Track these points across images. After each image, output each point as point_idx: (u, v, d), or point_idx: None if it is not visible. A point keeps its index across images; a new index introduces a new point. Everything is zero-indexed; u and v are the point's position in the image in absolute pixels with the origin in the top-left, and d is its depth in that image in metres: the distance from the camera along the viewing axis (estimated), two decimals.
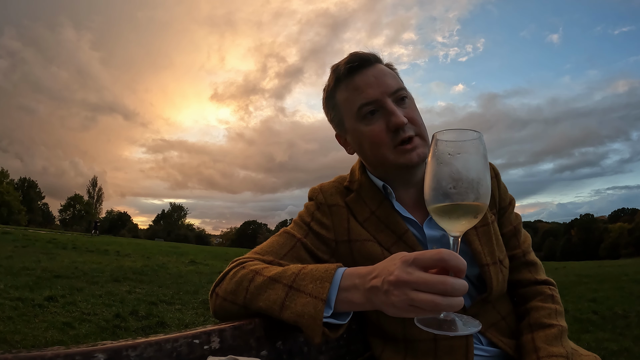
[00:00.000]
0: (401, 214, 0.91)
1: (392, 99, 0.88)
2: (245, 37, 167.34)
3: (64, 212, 78.97)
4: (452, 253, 0.56)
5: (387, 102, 0.87)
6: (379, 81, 0.88)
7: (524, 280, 0.97)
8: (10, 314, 3.79)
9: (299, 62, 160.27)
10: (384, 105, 0.87)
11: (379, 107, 0.88)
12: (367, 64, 0.90)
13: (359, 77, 0.90)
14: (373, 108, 0.88)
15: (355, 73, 0.90)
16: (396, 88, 0.89)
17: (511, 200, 1.01)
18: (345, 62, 0.91)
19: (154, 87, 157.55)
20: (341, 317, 0.68)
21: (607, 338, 3.81)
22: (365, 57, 0.90)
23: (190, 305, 5.00)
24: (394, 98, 0.88)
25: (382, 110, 0.88)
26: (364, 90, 0.88)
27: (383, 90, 0.88)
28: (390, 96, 0.88)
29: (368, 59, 0.90)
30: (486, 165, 0.59)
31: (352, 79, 0.90)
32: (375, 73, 0.89)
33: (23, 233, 17.74)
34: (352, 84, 0.90)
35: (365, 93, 0.88)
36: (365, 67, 0.90)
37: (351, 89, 0.90)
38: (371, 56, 0.91)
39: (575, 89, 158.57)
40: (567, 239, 69.07)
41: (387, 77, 0.89)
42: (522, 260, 0.98)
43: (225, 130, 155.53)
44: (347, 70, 0.90)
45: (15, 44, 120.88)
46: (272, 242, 0.89)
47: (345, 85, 0.92)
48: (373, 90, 0.88)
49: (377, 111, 0.88)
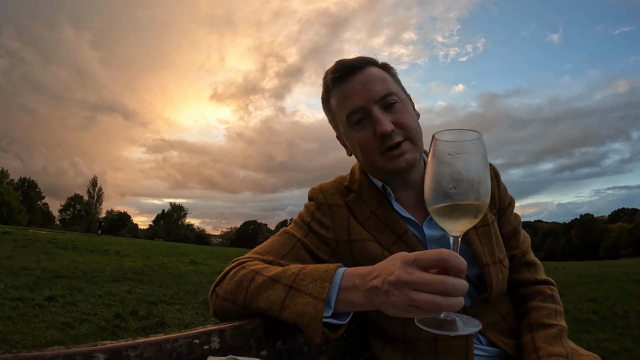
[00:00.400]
0: (401, 214, 0.91)
1: (379, 105, 0.88)
2: (245, 37, 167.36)
3: (64, 212, 79.01)
4: (453, 253, 0.56)
5: (372, 110, 0.87)
6: (365, 88, 0.88)
7: (524, 280, 0.97)
8: (10, 314, 3.79)
9: (299, 61, 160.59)
10: (370, 113, 0.87)
11: (366, 114, 0.88)
12: (353, 71, 0.90)
13: (346, 86, 0.90)
14: (360, 116, 0.89)
15: (342, 82, 0.91)
16: (383, 94, 0.88)
17: (511, 200, 1.02)
18: (331, 72, 0.92)
19: (154, 86, 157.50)
20: (341, 317, 0.68)
21: (607, 338, 3.81)
22: (350, 65, 0.90)
23: (190, 305, 5.01)
24: (381, 104, 0.88)
25: (369, 117, 0.88)
26: (350, 98, 0.89)
27: (369, 97, 0.87)
28: (377, 102, 0.88)
29: (353, 67, 0.90)
30: (486, 165, 0.59)
31: (339, 87, 0.91)
32: (362, 80, 0.89)
33: (23, 233, 17.74)
34: (339, 93, 0.91)
35: (352, 101, 0.89)
36: (352, 74, 0.90)
37: (339, 98, 0.91)
38: (357, 62, 0.90)
39: (575, 88, 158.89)
40: (567, 239, 69.07)
41: (374, 83, 0.89)
42: (522, 260, 0.98)
43: (225, 130, 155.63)
44: (333, 80, 0.91)
45: (14, 44, 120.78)
46: (272, 242, 0.89)
47: (334, 93, 0.93)
48: (359, 98, 0.88)
49: (365, 118, 0.89)
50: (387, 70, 0.94)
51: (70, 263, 8.08)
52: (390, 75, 0.94)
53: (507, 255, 0.96)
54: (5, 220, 55.06)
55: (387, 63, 0.95)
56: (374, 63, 0.93)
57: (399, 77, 0.97)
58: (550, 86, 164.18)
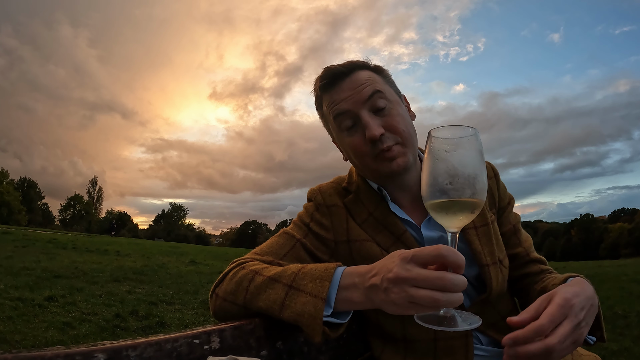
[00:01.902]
0: (399, 216, 0.91)
1: (367, 108, 0.87)
2: (243, 35, 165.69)
3: (64, 212, 78.93)
4: (451, 249, 0.56)
5: (361, 114, 0.87)
6: (353, 92, 0.88)
7: (532, 272, 0.97)
8: (10, 314, 3.79)
9: (299, 60, 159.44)
10: (360, 118, 0.87)
11: (355, 119, 0.88)
12: (341, 77, 0.90)
13: (334, 92, 0.90)
14: (350, 122, 0.89)
15: (330, 88, 0.91)
16: (370, 93, 0.87)
17: (510, 199, 1.02)
18: (319, 79, 0.92)
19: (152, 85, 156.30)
20: (341, 316, 0.68)
21: (607, 338, 3.80)
22: (338, 72, 0.90)
23: (190, 305, 5.01)
24: (369, 106, 0.87)
25: (359, 122, 0.88)
26: (337, 104, 0.89)
27: (356, 100, 0.87)
28: (365, 104, 0.87)
29: (341, 73, 0.90)
30: (482, 161, 0.60)
31: (328, 94, 0.92)
32: (350, 85, 0.88)
33: (23, 233, 17.73)
34: (328, 99, 0.92)
35: (339, 106, 0.89)
36: (340, 81, 0.90)
37: (328, 104, 0.92)
38: (345, 68, 0.90)
39: (576, 88, 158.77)
40: (567, 239, 69.00)
41: (361, 86, 0.88)
42: (526, 258, 0.98)
43: (225, 130, 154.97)
44: (321, 88, 0.92)
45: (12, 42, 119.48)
46: (272, 243, 0.89)
47: (324, 100, 0.94)
48: (346, 103, 0.88)
49: (355, 124, 0.89)
50: (379, 73, 0.93)
51: (70, 263, 8.09)
52: (381, 77, 0.93)
53: (510, 254, 0.96)
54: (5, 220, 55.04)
55: (379, 65, 0.95)
56: (363, 66, 0.92)
57: (392, 79, 0.96)
58: (551, 85, 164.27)
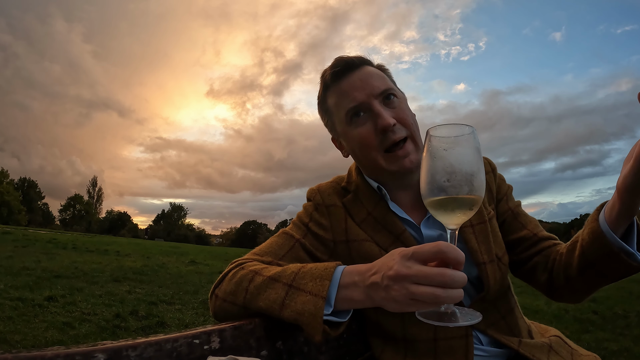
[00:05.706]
0: (398, 215, 0.91)
1: (379, 100, 0.88)
2: (240, 30, 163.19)
3: (64, 212, 78.96)
4: (450, 245, 0.57)
5: (373, 104, 0.87)
6: (365, 83, 0.88)
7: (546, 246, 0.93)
8: (10, 314, 3.79)
9: (298, 57, 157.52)
10: (371, 107, 0.87)
11: (366, 109, 0.88)
12: (352, 68, 0.90)
13: (345, 82, 0.90)
14: (360, 111, 0.88)
15: (341, 78, 0.91)
16: (383, 89, 0.88)
17: (508, 188, 1.01)
18: (330, 67, 0.92)
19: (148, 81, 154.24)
20: (341, 315, 0.69)
21: (607, 338, 3.81)
22: (350, 61, 0.90)
23: (190, 305, 5.00)
24: (381, 99, 0.88)
25: (370, 112, 0.88)
26: (350, 94, 0.89)
27: (369, 92, 0.87)
28: (377, 97, 0.88)
29: (353, 63, 0.90)
30: (480, 158, 0.60)
31: (338, 84, 0.91)
32: (361, 76, 0.89)
33: (23, 233, 17.74)
34: (338, 89, 0.91)
35: (352, 96, 0.88)
36: (351, 71, 0.90)
37: (338, 94, 0.91)
38: (356, 59, 0.91)
39: (578, 86, 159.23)
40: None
41: (373, 79, 0.89)
42: (534, 239, 0.94)
43: (223, 128, 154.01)
44: (332, 76, 0.91)
45: (6, 37, 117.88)
46: (271, 243, 0.89)
47: (332, 90, 0.93)
48: (359, 93, 0.88)
49: (365, 114, 0.88)
50: (384, 71, 0.95)
51: (70, 263, 8.08)
52: (387, 75, 0.95)
53: (514, 239, 0.95)
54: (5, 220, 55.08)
55: (382, 64, 0.96)
56: (370, 63, 0.94)
57: (394, 79, 0.98)
58: (552, 84, 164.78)
